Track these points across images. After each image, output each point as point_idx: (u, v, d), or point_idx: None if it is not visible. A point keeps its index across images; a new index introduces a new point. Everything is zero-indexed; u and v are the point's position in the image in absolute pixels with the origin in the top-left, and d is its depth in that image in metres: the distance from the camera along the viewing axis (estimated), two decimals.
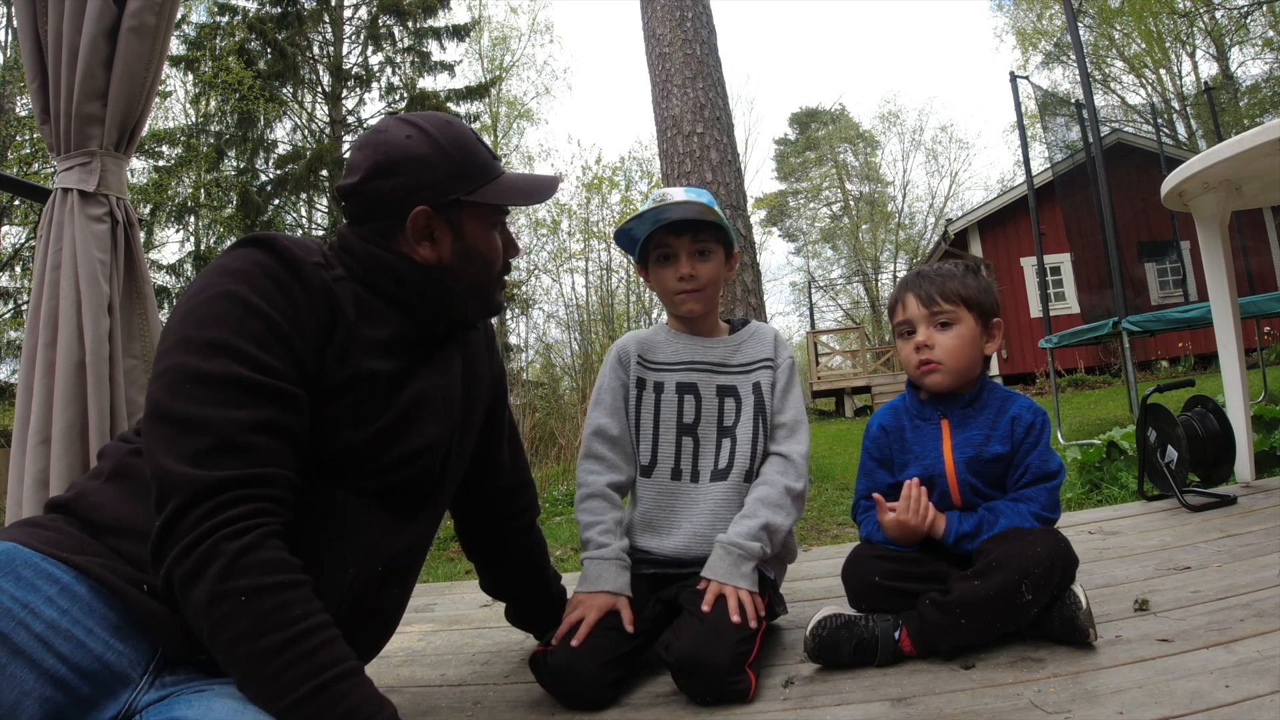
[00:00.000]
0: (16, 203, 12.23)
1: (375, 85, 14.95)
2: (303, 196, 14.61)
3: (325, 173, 14.10)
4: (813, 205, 28.75)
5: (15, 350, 12.49)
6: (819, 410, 13.31)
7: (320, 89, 14.82)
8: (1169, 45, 17.34)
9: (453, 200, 1.04)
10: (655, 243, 1.44)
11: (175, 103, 15.00)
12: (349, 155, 1.23)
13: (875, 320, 24.62)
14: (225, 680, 0.83)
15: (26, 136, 12.18)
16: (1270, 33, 15.48)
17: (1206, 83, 12.43)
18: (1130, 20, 16.73)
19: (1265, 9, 14.58)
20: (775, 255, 51.19)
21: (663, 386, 1.46)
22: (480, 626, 1.79)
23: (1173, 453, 2.15)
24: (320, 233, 14.47)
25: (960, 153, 34.23)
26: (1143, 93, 18.25)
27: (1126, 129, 11.56)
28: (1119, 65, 18.13)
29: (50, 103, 1.59)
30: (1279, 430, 2.85)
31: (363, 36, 14.88)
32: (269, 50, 13.56)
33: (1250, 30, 15.65)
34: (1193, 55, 17.65)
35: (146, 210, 12.90)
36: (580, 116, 43.20)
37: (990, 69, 47.29)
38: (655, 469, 1.44)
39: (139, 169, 13.23)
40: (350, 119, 14.98)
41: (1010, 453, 1.35)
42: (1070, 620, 1.18)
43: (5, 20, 13.18)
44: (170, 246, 19.67)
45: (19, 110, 12.59)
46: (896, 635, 1.23)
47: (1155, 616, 1.27)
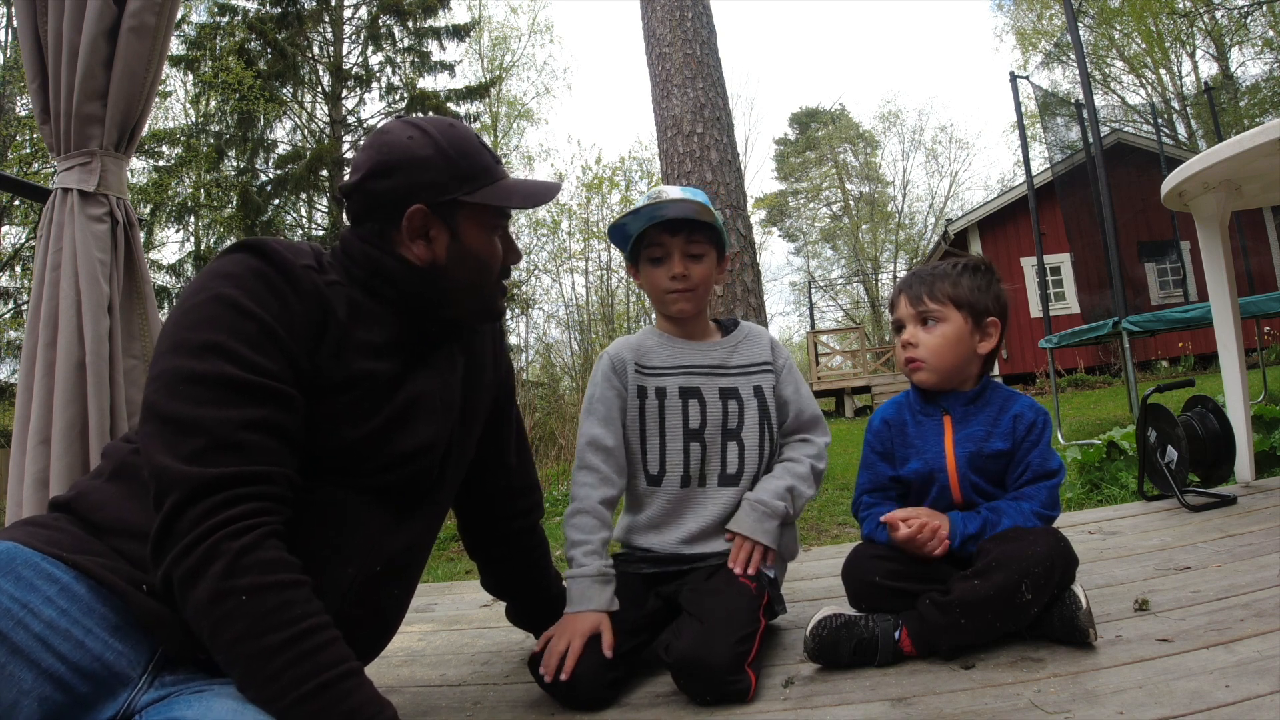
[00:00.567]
0: (16, 203, 12.23)
1: (375, 85, 14.95)
2: (303, 196, 14.61)
3: (325, 173, 14.10)
4: (813, 205, 28.77)
5: (15, 350, 12.49)
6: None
7: (320, 89, 14.82)
8: (1169, 45, 17.35)
9: (450, 200, 1.04)
10: (648, 240, 1.42)
11: (175, 103, 15.01)
12: (353, 156, 1.23)
13: (875, 320, 24.63)
14: (225, 680, 0.83)
15: (26, 136, 12.18)
16: (1270, 33, 15.49)
17: (1206, 83, 12.43)
18: (1130, 20, 16.73)
19: (1265, 9, 14.58)
20: (775, 255, 51.25)
21: (665, 392, 1.44)
22: (480, 626, 1.79)
23: (1173, 453, 2.15)
24: (320, 233, 14.47)
25: (960, 153, 34.25)
26: (1143, 93, 18.28)
27: (1126, 129, 11.56)
28: (1119, 65, 18.15)
29: (50, 103, 1.59)
30: (1279, 430, 2.85)
31: (363, 36, 14.87)
32: (269, 50, 13.55)
33: (1250, 30, 15.66)
34: (1193, 55, 17.68)
35: (146, 210, 12.90)
36: (580, 116, 43.31)
37: (990, 69, 47.38)
38: (665, 477, 1.42)
39: (139, 169, 13.24)
40: (350, 119, 14.97)
41: (1011, 450, 1.35)
42: (1070, 620, 1.18)
43: (5, 20, 13.18)
44: (170, 246, 19.68)
45: (19, 110, 12.59)
46: (896, 635, 1.23)
47: (1155, 616, 1.27)
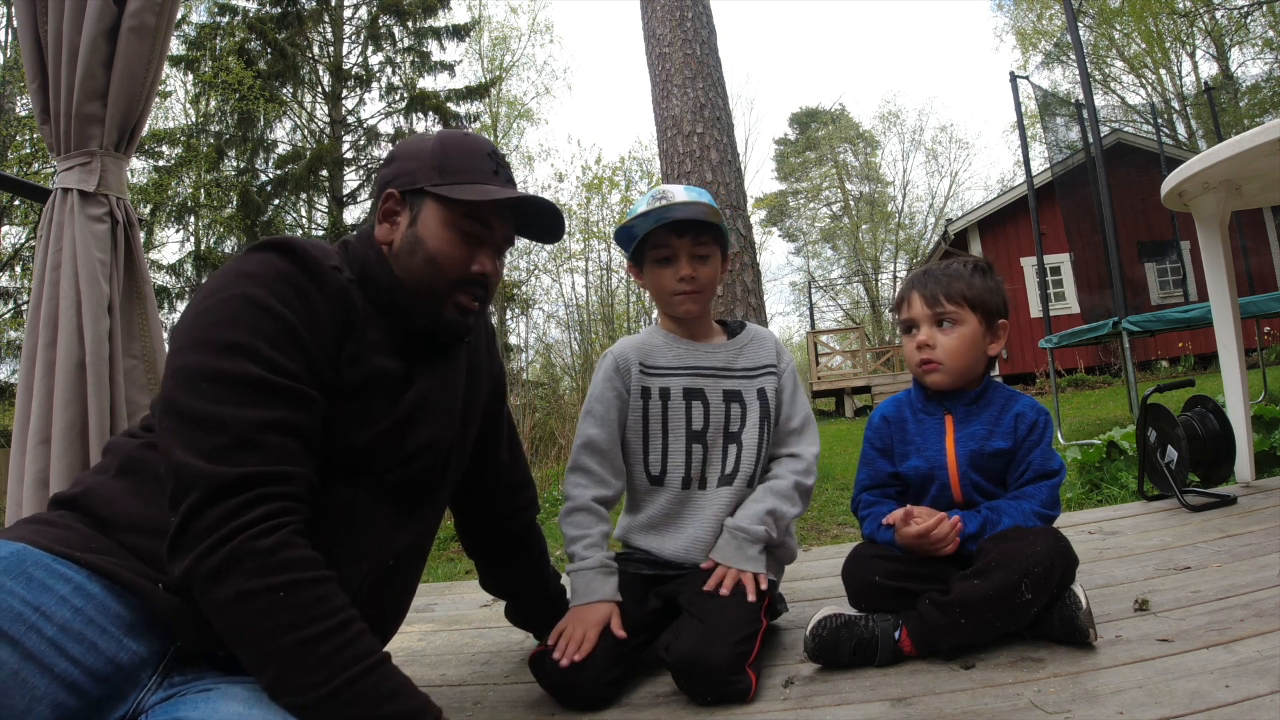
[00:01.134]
0: (16, 203, 12.23)
1: (375, 85, 14.94)
2: (303, 196, 14.61)
3: (325, 173, 14.11)
4: (813, 205, 28.76)
5: (15, 350, 12.49)
6: (819, 410, 13.31)
7: (320, 89, 14.81)
8: (1169, 45, 17.34)
9: (419, 188, 1.06)
10: (654, 242, 1.42)
11: (175, 103, 15.00)
12: None
13: (875, 320, 24.62)
14: (235, 679, 0.84)
15: (26, 136, 12.17)
16: (1270, 33, 15.48)
17: (1206, 83, 12.42)
18: (1130, 20, 16.72)
19: (1265, 9, 14.58)
20: (775, 255, 51.26)
21: (668, 393, 1.43)
22: (480, 626, 1.79)
23: (1173, 453, 2.15)
24: (320, 233, 14.46)
25: (960, 153, 34.26)
26: (1143, 93, 18.27)
27: (1126, 129, 11.56)
28: (1119, 65, 18.14)
29: (50, 103, 1.59)
30: (1279, 430, 2.85)
31: (363, 36, 14.87)
32: (269, 50, 13.55)
33: (1250, 30, 15.65)
34: (1193, 55, 17.66)
35: (146, 210, 12.90)
36: (580, 116, 43.26)
37: (990, 69, 47.37)
38: (667, 477, 1.42)
39: (139, 169, 13.23)
40: (350, 119, 14.97)
41: (1012, 449, 1.35)
42: (1070, 620, 1.18)
43: (5, 20, 13.17)
44: (170, 246, 19.71)
45: (19, 110, 12.58)
46: (896, 635, 1.23)
47: (1155, 616, 1.27)
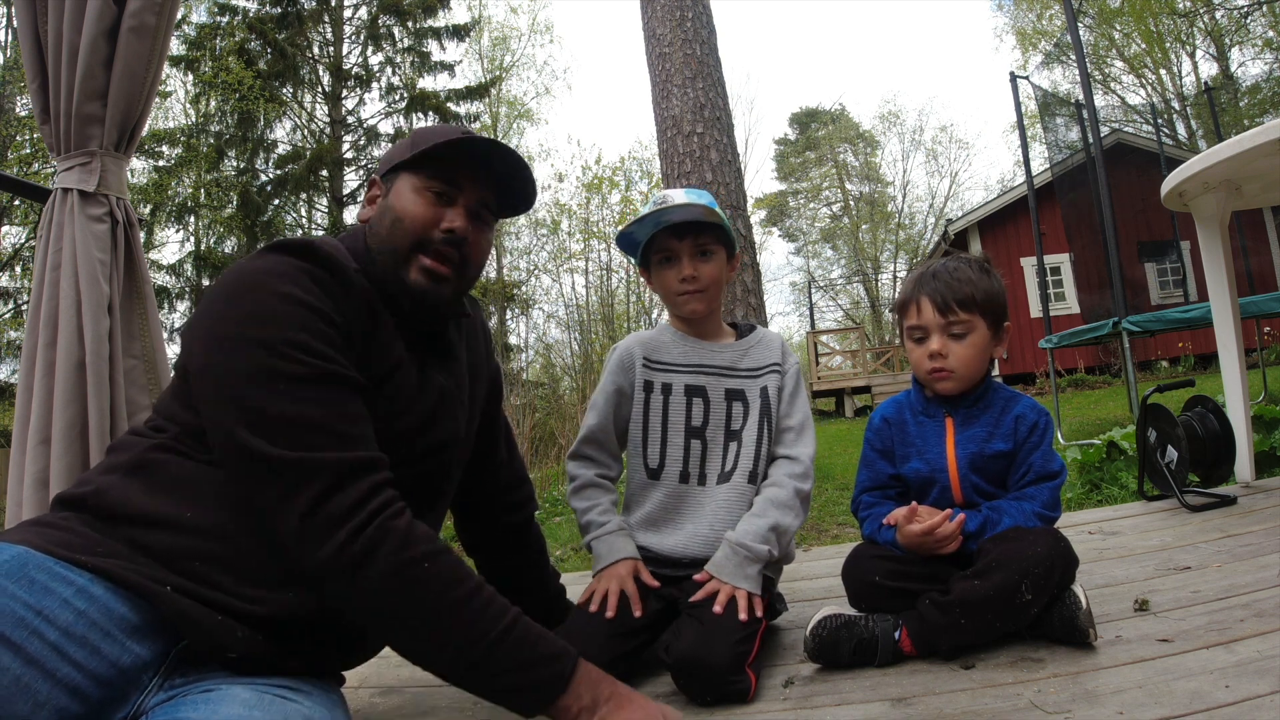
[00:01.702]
0: (16, 203, 12.23)
1: (375, 85, 14.96)
2: (303, 196, 14.62)
3: (325, 173, 14.11)
4: (813, 205, 28.77)
5: (15, 350, 12.49)
6: (819, 410, 13.31)
7: (320, 89, 14.82)
8: (1169, 45, 17.34)
9: (394, 166, 1.09)
10: (657, 245, 1.45)
11: (175, 103, 15.01)
12: None
13: (875, 320, 24.63)
14: (237, 680, 0.84)
15: (26, 136, 12.18)
16: (1270, 33, 15.49)
17: (1206, 83, 12.42)
18: (1130, 20, 16.72)
19: (1265, 9, 14.57)
20: (775, 255, 51.19)
21: (670, 388, 1.45)
22: None
23: (1173, 453, 2.15)
24: (320, 233, 14.46)
25: (960, 153, 34.28)
26: (1143, 93, 18.27)
27: (1126, 129, 11.56)
28: (1119, 65, 18.14)
29: (50, 103, 1.59)
30: (1279, 430, 2.85)
31: (363, 36, 14.88)
32: (269, 50, 13.56)
33: (1250, 30, 15.65)
34: (1193, 55, 17.67)
35: (146, 210, 12.90)
36: (580, 116, 43.23)
37: (990, 69, 47.34)
38: (664, 471, 1.43)
39: (139, 169, 13.24)
40: (350, 119, 14.98)
41: (1013, 451, 1.35)
42: (1070, 620, 1.18)
43: (5, 20, 13.18)
44: (170, 246, 19.67)
45: (19, 110, 12.59)
46: (896, 635, 1.23)
47: (1155, 616, 1.27)
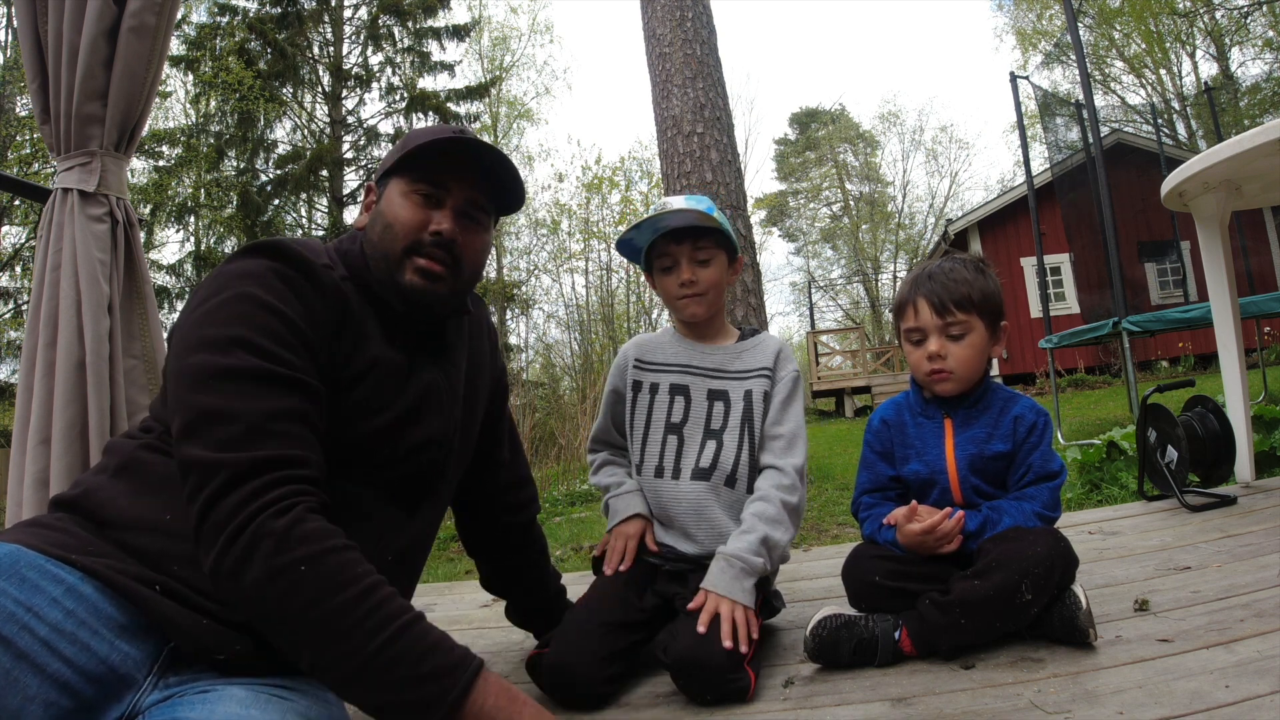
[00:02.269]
0: (16, 203, 12.23)
1: (375, 85, 14.94)
2: (303, 196, 14.61)
3: (325, 173, 14.10)
4: (813, 205, 28.76)
5: (15, 350, 12.49)
6: (819, 410, 13.31)
7: (320, 89, 14.81)
8: (1169, 45, 17.34)
9: (385, 171, 1.09)
10: (657, 251, 1.46)
11: (175, 103, 15.01)
12: None
13: (875, 320, 24.63)
14: (232, 680, 0.84)
15: (26, 136, 12.17)
16: (1270, 33, 15.48)
17: (1206, 83, 12.42)
18: (1130, 20, 16.72)
19: (1265, 9, 14.57)
20: (775, 255, 51.25)
21: (657, 387, 1.48)
22: (480, 626, 1.79)
23: (1173, 453, 2.15)
24: (320, 233, 14.46)
25: (960, 153, 34.30)
26: (1143, 93, 18.27)
27: (1126, 129, 11.56)
28: (1119, 65, 18.13)
29: (50, 103, 1.59)
30: (1279, 430, 2.85)
31: (363, 36, 14.87)
32: (269, 50, 13.55)
33: (1250, 30, 15.64)
34: (1193, 55, 17.66)
35: (146, 210, 12.90)
36: (580, 116, 43.27)
37: (990, 69, 47.42)
38: (643, 466, 1.47)
39: (139, 169, 13.23)
40: (350, 119, 14.97)
41: (1012, 451, 1.35)
42: (1070, 620, 1.18)
43: (5, 20, 13.17)
44: (170, 246, 19.73)
45: (19, 110, 12.58)
46: (896, 635, 1.23)
47: (1155, 616, 1.27)
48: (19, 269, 12.93)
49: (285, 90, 14.15)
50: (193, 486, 0.82)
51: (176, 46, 13.15)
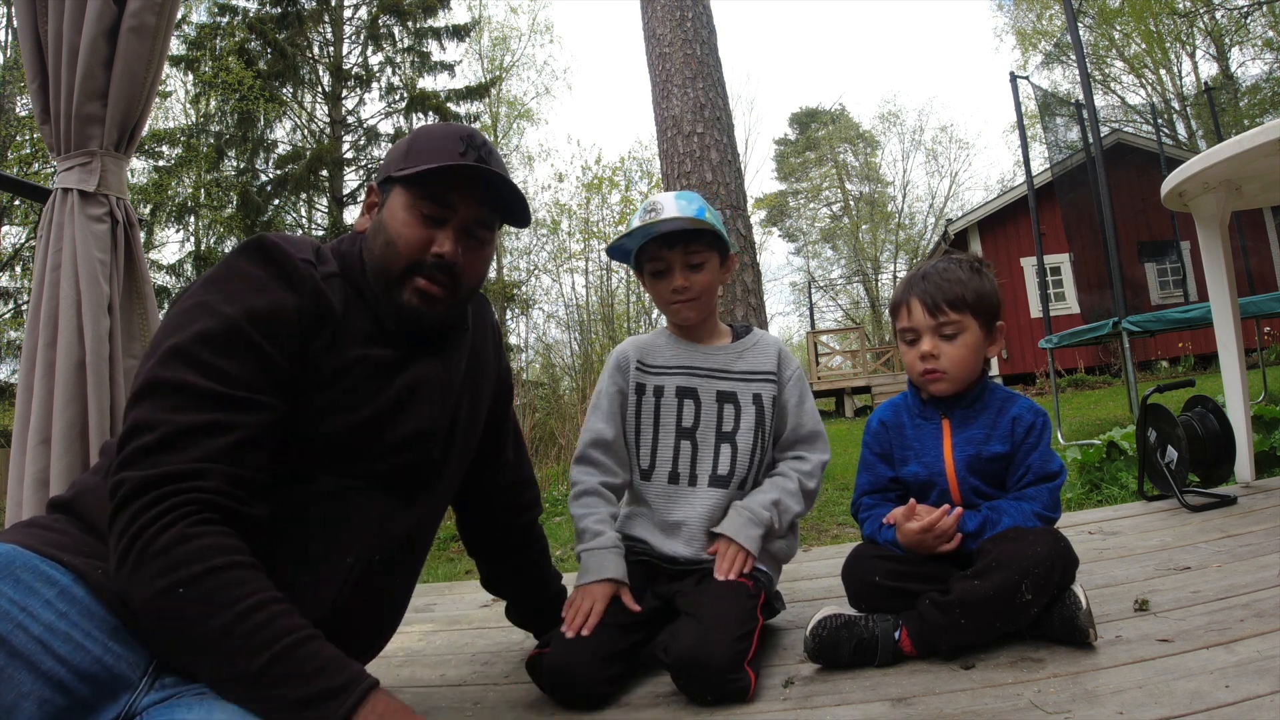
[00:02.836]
0: (16, 203, 12.23)
1: (375, 85, 14.94)
2: (303, 196, 14.60)
3: (325, 173, 14.10)
4: (813, 205, 28.77)
5: (15, 350, 12.49)
6: (819, 410, 13.29)
7: (320, 89, 14.81)
8: (1169, 45, 17.34)
9: (389, 176, 1.08)
10: (649, 255, 1.45)
11: (175, 103, 15.01)
12: None
13: (875, 320, 24.62)
14: None
15: (26, 136, 12.17)
16: (1270, 33, 15.48)
17: (1206, 83, 12.43)
18: (1130, 20, 16.72)
19: (1265, 9, 14.57)
20: (775, 255, 51.24)
21: (662, 390, 1.46)
22: (480, 626, 1.79)
23: (1173, 453, 2.15)
24: (320, 233, 14.46)
25: (960, 153, 34.29)
26: (1143, 93, 18.27)
27: (1126, 129, 11.56)
28: (1119, 65, 18.14)
29: (50, 103, 1.60)
30: (1279, 430, 2.85)
31: (363, 36, 14.86)
32: (269, 50, 13.54)
33: (1250, 30, 15.65)
34: (1193, 55, 17.67)
35: (146, 210, 12.90)
36: (580, 116, 43.23)
37: (990, 69, 47.42)
38: (654, 472, 1.45)
39: (139, 169, 13.23)
40: (350, 119, 14.97)
41: (1010, 452, 1.35)
42: (1070, 620, 1.18)
43: (5, 20, 13.18)
44: (170, 246, 19.69)
45: (19, 110, 12.58)
46: (896, 635, 1.23)
47: (1155, 616, 1.27)
48: (19, 269, 12.94)
49: (285, 90, 14.14)
50: (110, 505, 0.84)
51: (176, 46, 13.15)
